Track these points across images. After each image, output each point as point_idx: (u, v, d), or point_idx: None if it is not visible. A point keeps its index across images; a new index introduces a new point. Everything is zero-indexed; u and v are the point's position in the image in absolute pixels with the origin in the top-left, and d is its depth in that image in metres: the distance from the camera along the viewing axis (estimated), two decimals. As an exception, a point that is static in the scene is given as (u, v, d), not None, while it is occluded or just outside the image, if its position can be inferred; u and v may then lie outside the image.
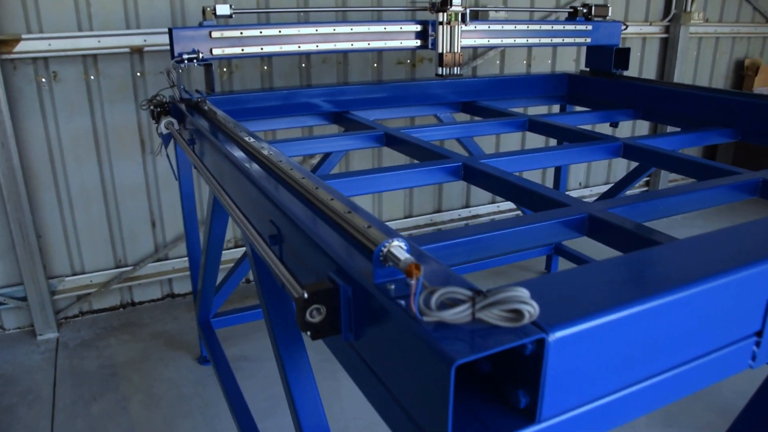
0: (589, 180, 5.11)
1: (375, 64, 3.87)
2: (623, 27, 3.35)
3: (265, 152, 1.54)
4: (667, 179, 5.24)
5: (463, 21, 2.72)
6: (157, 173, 3.60)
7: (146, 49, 3.32)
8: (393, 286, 0.84)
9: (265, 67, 3.67)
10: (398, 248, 0.85)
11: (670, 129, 3.08)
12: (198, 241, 2.98)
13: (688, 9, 4.64)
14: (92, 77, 3.32)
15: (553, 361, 0.73)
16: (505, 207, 4.72)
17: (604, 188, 5.06)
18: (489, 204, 4.69)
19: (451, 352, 0.69)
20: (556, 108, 3.85)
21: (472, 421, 0.76)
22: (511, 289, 0.73)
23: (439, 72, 2.82)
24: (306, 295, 0.90)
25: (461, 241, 1.30)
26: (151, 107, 2.67)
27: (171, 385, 3.01)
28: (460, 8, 2.69)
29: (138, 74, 3.40)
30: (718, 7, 5.02)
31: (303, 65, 3.73)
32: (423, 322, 0.74)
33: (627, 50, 3.27)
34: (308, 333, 0.92)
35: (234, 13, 2.49)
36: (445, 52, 2.76)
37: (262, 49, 2.56)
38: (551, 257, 4.20)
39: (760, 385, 1.33)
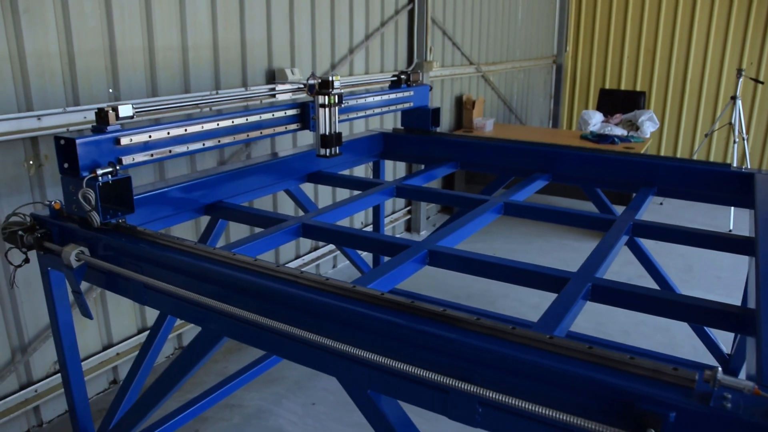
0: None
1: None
2: (430, 89, 3.83)
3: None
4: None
5: (340, 102, 2.83)
6: None
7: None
8: (729, 404, 1.11)
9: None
10: (724, 375, 1.10)
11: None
12: (82, 380, 2.49)
13: (428, 58, 5.41)
14: None
15: None
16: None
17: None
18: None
19: None
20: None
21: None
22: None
23: (322, 153, 2.88)
24: (654, 432, 1.09)
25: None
26: (20, 232, 2.19)
27: None
28: (339, 90, 2.80)
29: None
30: (440, 53, 5.94)
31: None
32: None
33: (438, 110, 3.76)
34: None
35: (136, 113, 2.19)
36: (326, 133, 2.84)
37: (170, 151, 2.30)
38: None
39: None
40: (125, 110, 2.13)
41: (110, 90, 3.25)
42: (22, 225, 2.24)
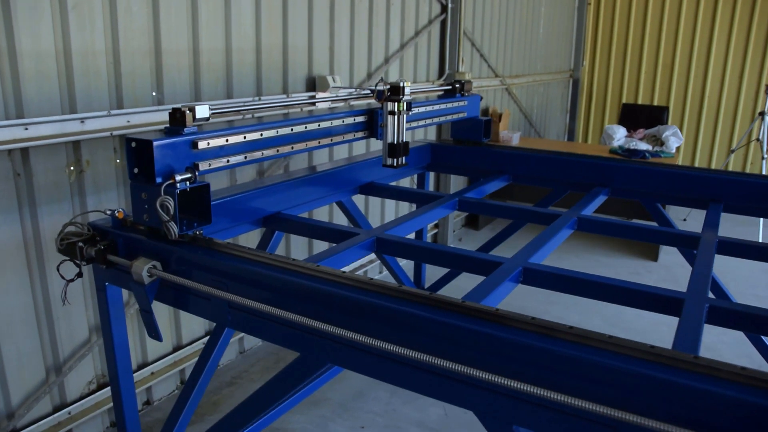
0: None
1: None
2: (480, 99, 3.69)
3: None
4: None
5: (408, 109, 2.68)
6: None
7: None
8: None
9: (118, 160, 2.99)
10: None
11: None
12: (135, 404, 2.29)
13: (460, 69, 5.29)
14: None
15: None
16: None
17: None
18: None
19: None
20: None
21: None
22: None
23: (389, 162, 2.72)
24: None
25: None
26: (80, 244, 2.00)
27: None
28: (409, 97, 2.65)
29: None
30: (468, 64, 5.82)
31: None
32: None
33: (490, 121, 3.62)
34: None
35: (213, 114, 2.01)
36: (395, 142, 2.68)
37: (245, 157, 2.13)
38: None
39: None
40: (202, 111, 1.96)
41: (153, 93, 3.08)
42: (81, 236, 2.05)
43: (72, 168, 2.81)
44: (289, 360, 3.82)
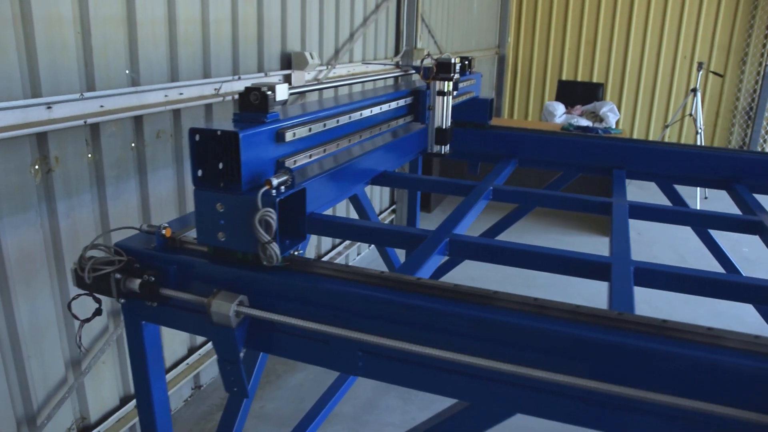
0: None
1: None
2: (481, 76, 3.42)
3: None
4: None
5: (455, 88, 2.35)
6: None
7: None
8: None
9: (90, 155, 2.42)
10: None
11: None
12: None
13: (417, 46, 4.98)
14: None
15: None
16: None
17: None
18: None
19: None
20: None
21: None
22: None
23: (436, 150, 2.39)
24: None
25: None
26: (116, 275, 1.51)
27: None
28: (457, 74, 2.32)
29: None
30: (426, 42, 5.54)
31: (133, 145, 2.61)
32: None
33: (493, 101, 3.36)
34: None
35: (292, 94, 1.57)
36: (443, 126, 2.35)
37: (324, 150, 1.71)
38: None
39: None
40: (282, 92, 1.52)
41: (127, 71, 2.52)
42: (112, 263, 1.55)
43: (37, 167, 2.22)
44: (288, 368, 3.43)
